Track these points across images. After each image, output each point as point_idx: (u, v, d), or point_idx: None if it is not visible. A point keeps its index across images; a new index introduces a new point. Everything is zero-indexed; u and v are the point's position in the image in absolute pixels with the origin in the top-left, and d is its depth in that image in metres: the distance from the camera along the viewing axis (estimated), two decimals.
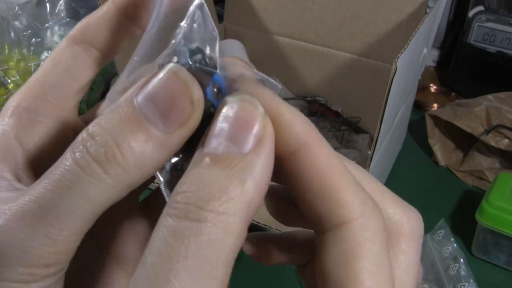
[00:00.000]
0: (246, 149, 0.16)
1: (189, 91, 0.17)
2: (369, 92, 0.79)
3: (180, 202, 0.15)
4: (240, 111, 0.17)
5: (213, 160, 0.16)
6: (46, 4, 0.85)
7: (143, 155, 0.17)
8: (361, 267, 0.16)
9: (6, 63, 0.79)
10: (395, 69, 0.47)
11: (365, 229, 0.17)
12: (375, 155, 0.55)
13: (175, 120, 0.17)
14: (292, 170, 0.18)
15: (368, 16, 0.75)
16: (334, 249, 0.17)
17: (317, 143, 0.18)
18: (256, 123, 0.17)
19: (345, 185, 0.17)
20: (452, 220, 0.70)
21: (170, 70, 0.17)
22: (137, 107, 0.17)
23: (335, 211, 0.17)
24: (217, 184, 0.15)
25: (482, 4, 0.91)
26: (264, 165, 0.16)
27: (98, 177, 0.16)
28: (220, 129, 0.17)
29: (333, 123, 0.79)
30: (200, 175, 0.16)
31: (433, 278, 0.57)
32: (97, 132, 0.17)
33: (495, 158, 0.75)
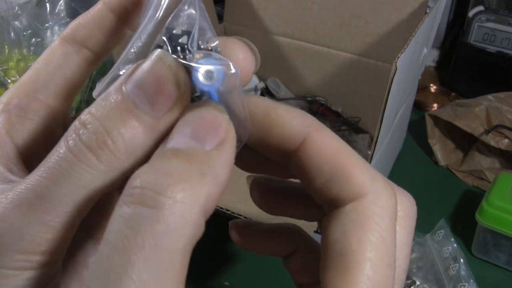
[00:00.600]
0: (208, 147, 0.17)
1: (174, 76, 0.17)
2: (369, 92, 0.79)
3: (136, 187, 0.15)
4: (206, 113, 0.17)
5: (174, 153, 0.16)
6: (46, 4, 0.85)
7: (133, 141, 0.17)
8: (365, 239, 0.17)
9: (6, 63, 0.79)
10: (395, 69, 0.47)
11: (375, 204, 0.17)
12: (375, 155, 0.55)
13: (162, 104, 0.17)
14: (301, 161, 0.18)
15: (368, 16, 0.75)
16: (342, 222, 0.18)
17: (321, 131, 0.18)
18: (221, 126, 0.17)
19: (355, 164, 0.18)
20: (452, 220, 0.70)
21: (155, 56, 0.18)
22: (126, 94, 0.17)
23: (347, 189, 0.18)
24: (177, 173, 0.15)
25: (482, 4, 0.91)
26: (224, 164, 0.17)
27: (91, 163, 0.17)
28: (184, 127, 0.17)
29: (333, 123, 0.79)
30: (159, 164, 0.16)
31: (433, 278, 0.57)
32: (89, 120, 0.17)
33: (495, 158, 0.75)
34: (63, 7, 0.86)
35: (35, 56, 0.82)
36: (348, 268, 0.17)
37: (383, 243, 0.17)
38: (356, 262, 0.17)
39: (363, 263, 0.17)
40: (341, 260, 0.17)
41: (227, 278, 0.59)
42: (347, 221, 0.18)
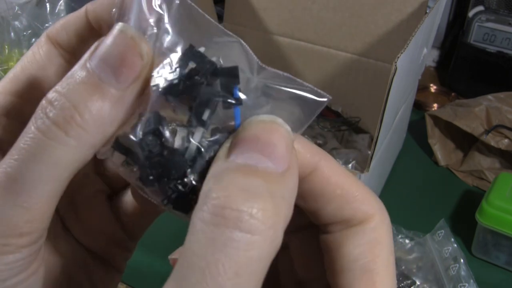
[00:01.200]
0: (281, 167, 0.17)
1: (137, 46, 0.18)
2: (369, 92, 0.79)
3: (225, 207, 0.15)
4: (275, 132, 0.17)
5: (253, 171, 0.16)
6: (46, 4, 0.85)
7: (101, 114, 0.17)
8: (381, 254, 0.19)
9: (6, 63, 0.79)
10: (395, 69, 0.47)
11: (383, 222, 0.20)
12: (375, 155, 0.55)
13: (127, 75, 0.17)
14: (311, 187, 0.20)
15: (368, 16, 0.75)
16: (360, 239, 0.19)
17: (329, 159, 0.20)
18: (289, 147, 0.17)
19: (362, 187, 0.20)
20: (452, 220, 0.70)
21: (117, 29, 0.18)
22: (90, 70, 0.17)
23: (360, 211, 0.19)
24: (269, 197, 0.15)
25: (482, 4, 0.91)
26: (295, 184, 0.17)
27: (60, 139, 0.17)
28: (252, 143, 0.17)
29: (333, 123, 0.79)
30: (242, 182, 0.15)
31: (433, 278, 0.57)
32: (55, 97, 0.17)
33: (495, 158, 0.75)
34: (63, 7, 0.86)
35: None
36: (375, 281, 0.19)
37: (392, 255, 0.20)
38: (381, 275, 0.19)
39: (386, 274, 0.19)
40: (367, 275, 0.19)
41: None
42: (364, 238, 0.19)
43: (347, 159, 0.69)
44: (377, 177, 0.67)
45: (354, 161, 0.69)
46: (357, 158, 0.70)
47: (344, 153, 0.71)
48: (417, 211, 0.71)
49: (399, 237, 0.63)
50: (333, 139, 0.76)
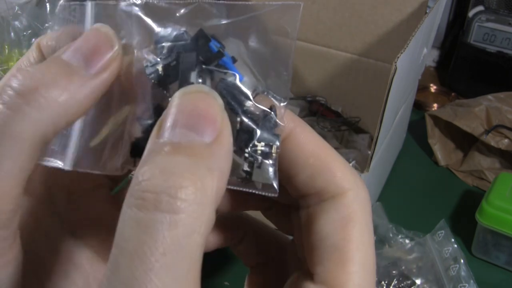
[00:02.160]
0: (208, 139, 0.16)
1: (109, 40, 0.19)
2: (369, 92, 0.79)
3: (148, 191, 0.15)
4: (201, 102, 0.17)
5: (175, 148, 0.16)
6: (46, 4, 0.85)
7: (66, 92, 0.17)
8: (356, 231, 0.18)
9: (6, 63, 0.79)
10: (395, 69, 0.47)
11: (358, 198, 0.19)
12: (375, 155, 0.55)
13: (96, 62, 0.18)
14: (284, 153, 0.19)
15: (368, 16, 0.75)
16: (331, 215, 0.19)
17: (304, 127, 0.20)
18: (217, 115, 0.17)
19: (337, 159, 0.19)
20: (452, 220, 0.70)
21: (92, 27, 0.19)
22: (62, 57, 0.18)
23: (333, 183, 0.19)
24: (187, 172, 0.15)
25: (482, 4, 0.91)
26: (226, 156, 0.17)
27: (19, 109, 0.17)
28: (176, 119, 0.16)
29: (333, 123, 0.79)
30: (164, 162, 0.15)
31: (433, 278, 0.57)
32: (23, 74, 0.17)
33: (495, 158, 0.75)
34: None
35: None
36: (344, 260, 0.18)
37: (369, 232, 0.19)
38: (351, 254, 0.18)
39: (357, 253, 0.18)
40: (336, 253, 0.18)
41: (227, 278, 0.59)
42: (336, 215, 0.19)
43: (347, 159, 0.69)
44: (377, 177, 0.67)
45: (354, 161, 0.69)
46: (357, 158, 0.70)
47: (344, 153, 0.71)
48: (417, 211, 0.71)
49: (399, 237, 0.63)
50: (333, 139, 0.76)
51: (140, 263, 0.14)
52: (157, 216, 0.14)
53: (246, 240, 0.25)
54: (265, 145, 0.18)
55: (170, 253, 0.14)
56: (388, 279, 0.56)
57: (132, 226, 0.15)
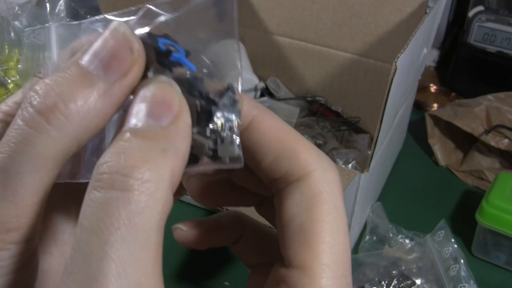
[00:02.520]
0: (164, 123, 0.17)
1: (128, 42, 0.18)
2: (369, 92, 0.79)
3: (104, 172, 0.15)
4: (158, 90, 0.18)
5: (133, 133, 0.16)
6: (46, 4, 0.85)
7: (86, 105, 0.17)
8: (322, 211, 0.18)
9: (6, 63, 0.79)
10: (395, 69, 0.47)
11: (324, 179, 0.19)
12: (375, 155, 0.55)
13: (116, 69, 0.18)
14: (249, 140, 0.20)
15: (368, 16, 0.75)
16: (297, 197, 0.19)
17: (266, 112, 0.20)
18: (174, 100, 0.18)
19: (301, 141, 0.19)
20: (452, 220, 0.70)
21: (110, 27, 0.18)
22: (79, 63, 0.18)
23: (297, 165, 0.19)
24: (140, 153, 0.16)
25: (482, 4, 0.91)
26: (183, 136, 0.17)
27: (41, 128, 0.16)
28: (138, 107, 0.17)
29: (333, 123, 0.79)
30: (121, 146, 0.16)
31: (433, 278, 0.57)
32: (41, 87, 0.17)
33: (495, 158, 0.75)
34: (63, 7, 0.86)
35: None
36: (309, 240, 0.18)
37: (337, 212, 0.19)
38: (316, 234, 0.18)
39: (323, 233, 0.18)
40: (301, 234, 0.18)
41: (227, 278, 0.59)
42: (300, 196, 0.19)
43: (347, 159, 0.69)
44: (377, 177, 0.67)
45: (354, 161, 0.69)
46: (357, 158, 0.70)
47: (344, 153, 0.71)
48: (417, 211, 0.71)
49: (399, 237, 0.63)
50: (333, 139, 0.76)
51: (96, 238, 0.15)
52: (112, 194, 0.15)
53: (244, 240, 0.25)
54: (225, 121, 0.19)
55: (124, 227, 0.15)
56: (388, 279, 0.56)
57: (90, 205, 0.15)
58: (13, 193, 0.16)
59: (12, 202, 0.16)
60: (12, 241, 0.17)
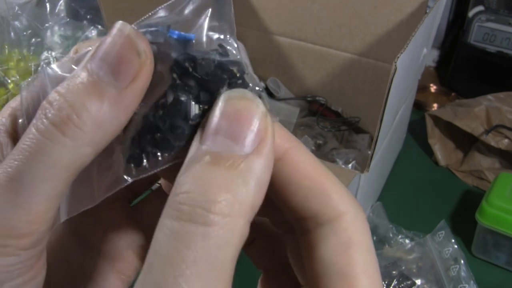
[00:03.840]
0: (248, 149, 0.16)
1: (133, 44, 0.18)
2: (369, 92, 0.79)
3: (184, 203, 0.15)
4: (242, 109, 0.17)
5: (215, 159, 0.16)
6: (46, 4, 0.85)
7: (99, 114, 0.17)
8: (357, 256, 0.18)
9: (6, 63, 0.79)
10: (395, 69, 0.47)
11: (357, 220, 0.18)
12: (375, 155, 0.55)
13: (125, 73, 0.17)
14: (279, 176, 0.19)
15: (368, 16, 0.75)
16: (332, 240, 0.18)
17: (300, 147, 0.19)
18: (258, 123, 0.17)
19: (332, 181, 0.19)
20: (452, 220, 0.70)
21: (115, 28, 0.18)
22: (89, 69, 0.17)
23: (329, 206, 0.18)
24: (222, 185, 0.15)
25: (482, 4, 0.91)
26: (265, 166, 0.17)
27: (57, 140, 0.17)
28: (218, 125, 0.17)
29: (333, 123, 0.79)
30: (202, 174, 0.16)
31: (433, 278, 0.57)
32: (54, 97, 0.17)
33: (495, 158, 0.75)
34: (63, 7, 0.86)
35: (35, 56, 0.82)
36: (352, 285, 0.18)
37: (371, 255, 0.18)
38: (358, 279, 0.18)
39: (364, 278, 0.18)
40: (343, 279, 0.18)
41: None
42: (336, 240, 0.18)
43: (347, 159, 0.69)
44: (377, 177, 0.67)
45: (354, 161, 0.69)
46: (357, 158, 0.70)
47: (344, 153, 0.71)
48: (417, 211, 0.71)
49: (399, 237, 0.63)
50: (333, 139, 0.76)
51: (172, 269, 0.15)
52: (192, 228, 0.15)
53: (257, 243, 0.24)
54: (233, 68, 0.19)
55: (201, 262, 0.15)
56: (388, 280, 0.56)
57: (167, 234, 0.15)
58: (27, 199, 0.17)
59: (25, 209, 0.17)
60: (23, 247, 0.17)
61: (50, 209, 0.17)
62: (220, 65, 0.18)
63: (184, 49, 0.19)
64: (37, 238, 0.17)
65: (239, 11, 0.85)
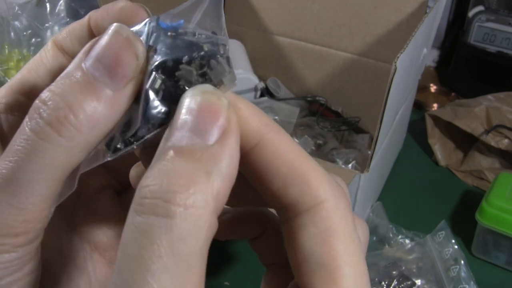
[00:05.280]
0: (210, 141, 0.16)
1: (133, 46, 0.18)
2: (369, 92, 0.79)
3: (146, 197, 0.15)
4: (203, 103, 0.17)
5: (177, 153, 0.16)
6: (46, 4, 0.85)
7: (95, 114, 0.17)
8: (338, 245, 0.17)
9: (6, 63, 0.79)
10: (395, 69, 0.47)
11: (337, 208, 0.18)
12: (375, 155, 0.55)
13: (122, 75, 0.17)
14: (256, 162, 0.18)
15: (368, 16, 0.75)
16: (311, 230, 0.18)
17: (278, 132, 0.18)
18: (220, 115, 0.17)
19: (312, 168, 0.18)
20: (452, 220, 0.70)
21: (112, 30, 0.18)
22: (85, 69, 0.17)
23: (308, 194, 0.18)
24: (183, 177, 0.15)
25: (482, 4, 0.91)
26: (230, 156, 0.16)
27: (52, 140, 0.17)
28: (183, 121, 0.17)
29: (333, 123, 0.79)
30: (164, 168, 0.16)
31: (433, 279, 0.57)
32: (49, 97, 0.17)
33: (495, 158, 0.75)
34: (63, 7, 0.86)
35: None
36: (334, 278, 0.17)
37: (353, 242, 0.18)
38: (339, 269, 0.17)
39: (345, 268, 0.17)
40: (324, 271, 0.17)
41: (227, 278, 0.59)
42: (315, 229, 0.18)
43: (347, 159, 0.69)
44: (377, 177, 0.67)
45: (354, 161, 0.69)
46: (357, 158, 0.70)
47: (344, 153, 0.71)
48: (417, 211, 0.71)
49: (399, 237, 0.63)
50: (333, 139, 0.76)
51: (138, 266, 0.14)
52: (154, 221, 0.15)
53: (264, 237, 0.24)
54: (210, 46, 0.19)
55: (167, 256, 0.14)
56: (388, 280, 0.56)
57: (132, 230, 0.15)
58: (23, 200, 0.17)
59: (21, 209, 0.17)
60: (19, 244, 0.17)
61: (45, 208, 0.17)
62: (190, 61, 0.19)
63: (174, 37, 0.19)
64: (33, 236, 0.17)
65: (239, 11, 0.85)
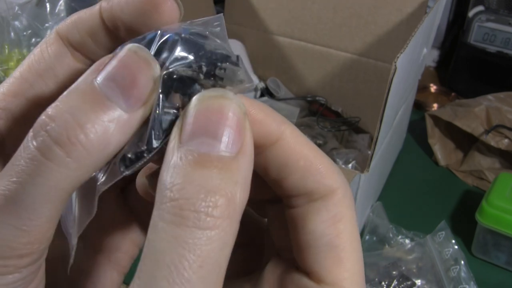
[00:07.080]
0: (233, 150, 0.16)
1: (150, 69, 0.17)
2: (369, 92, 0.79)
3: (185, 209, 0.15)
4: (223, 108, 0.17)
5: (204, 160, 0.16)
6: (46, 4, 0.85)
7: (107, 136, 0.16)
8: (345, 229, 0.19)
9: (6, 63, 0.79)
10: (395, 69, 0.47)
11: (346, 196, 0.20)
12: (375, 155, 0.55)
13: (137, 98, 0.17)
14: (274, 157, 0.19)
15: (368, 16, 0.75)
16: (324, 214, 0.19)
17: (294, 130, 0.20)
18: (241, 124, 0.17)
19: (325, 160, 0.20)
20: (452, 220, 0.70)
21: (129, 49, 0.17)
22: (97, 87, 0.16)
23: (323, 183, 0.19)
24: (220, 189, 0.15)
25: (482, 4, 0.91)
26: (250, 163, 0.17)
27: (60, 161, 0.16)
28: (200, 124, 0.16)
29: (333, 123, 0.79)
30: (196, 177, 0.15)
31: (433, 279, 0.57)
32: (58, 114, 0.16)
33: (495, 158, 0.75)
34: (63, 7, 0.86)
35: None
36: (341, 257, 0.19)
37: (356, 230, 0.20)
38: (346, 251, 0.19)
39: (350, 250, 0.19)
40: (332, 250, 0.19)
41: None
42: (327, 214, 0.19)
43: (347, 159, 0.69)
44: (377, 177, 0.67)
45: (354, 161, 0.69)
46: (357, 158, 0.70)
47: (344, 153, 0.71)
48: (417, 211, 0.71)
49: (399, 237, 0.63)
50: (333, 139, 0.76)
51: (178, 275, 0.15)
52: (195, 233, 0.15)
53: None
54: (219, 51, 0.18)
55: (206, 266, 0.15)
56: (388, 280, 0.56)
57: (169, 240, 0.15)
58: (26, 222, 0.16)
59: (25, 231, 0.16)
60: (23, 265, 0.17)
61: (50, 228, 0.17)
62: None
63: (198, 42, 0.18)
64: (38, 256, 0.17)
65: (239, 11, 0.85)
